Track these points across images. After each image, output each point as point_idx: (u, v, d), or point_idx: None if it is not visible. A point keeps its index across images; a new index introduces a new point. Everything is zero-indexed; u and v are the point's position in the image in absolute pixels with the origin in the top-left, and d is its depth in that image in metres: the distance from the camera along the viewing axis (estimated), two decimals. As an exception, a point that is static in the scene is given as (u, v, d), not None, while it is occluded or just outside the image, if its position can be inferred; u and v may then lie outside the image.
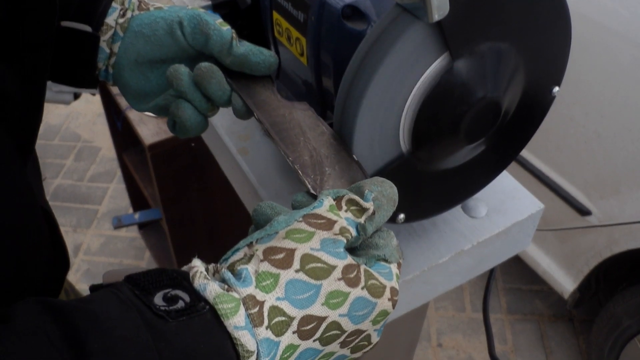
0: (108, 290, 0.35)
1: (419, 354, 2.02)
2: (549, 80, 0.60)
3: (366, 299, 0.40)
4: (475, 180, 0.65)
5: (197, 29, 0.57)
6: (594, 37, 1.50)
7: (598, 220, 1.63)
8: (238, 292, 0.36)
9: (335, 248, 0.40)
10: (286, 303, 0.37)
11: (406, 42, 0.48)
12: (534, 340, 2.07)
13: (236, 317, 0.35)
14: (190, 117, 0.57)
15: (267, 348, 0.36)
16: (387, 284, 0.41)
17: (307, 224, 0.40)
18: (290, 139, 0.52)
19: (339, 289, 0.38)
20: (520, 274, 2.26)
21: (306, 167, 0.49)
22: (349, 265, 0.40)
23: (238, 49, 0.57)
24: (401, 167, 0.56)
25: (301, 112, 0.56)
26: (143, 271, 0.37)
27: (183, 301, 0.35)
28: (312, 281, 0.38)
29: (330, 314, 0.38)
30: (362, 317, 0.40)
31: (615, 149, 1.52)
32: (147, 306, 0.34)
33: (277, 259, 0.38)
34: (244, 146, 0.79)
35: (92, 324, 0.32)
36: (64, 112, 3.14)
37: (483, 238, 0.67)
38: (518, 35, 0.53)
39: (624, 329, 1.64)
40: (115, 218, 2.45)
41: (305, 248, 0.39)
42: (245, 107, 0.57)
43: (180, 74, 0.55)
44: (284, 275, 0.37)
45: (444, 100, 0.52)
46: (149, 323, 0.33)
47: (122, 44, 0.60)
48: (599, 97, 1.53)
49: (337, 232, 0.40)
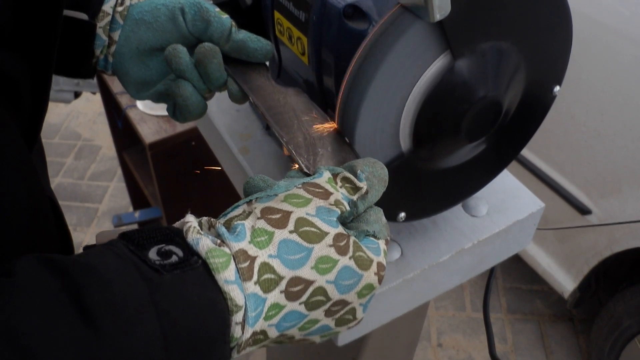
0: (104, 247, 0.36)
1: (419, 354, 2.03)
2: (549, 80, 0.60)
3: (353, 269, 0.41)
4: (475, 179, 0.65)
5: (197, 16, 0.59)
6: (595, 36, 1.50)
7: (598, 220, 1.63)
8: (230, 247, 0.37)
9: (329, 216, 0.41)
10: (277, 261, 0.38)
11: (407, 41, 0.48)
12: (534, 340, 2.07)
13: (226, 271, 0.36)
14: (191, 96, 0.58)
15: (254, 303, 0.37)
16: (374, 258, 0.42)
17: (305, 191, 0.42)
18: (284, 121, 0.54)
19: (329, 254, 0.40)
20: (521, 274, 2.26)
21: (300, 148, 0.51)
22: (340, 234, 0.41)
23: (237, 35, 0.59)
24: (402, 165, 0.56)
25: (295, 97, 0.58)
26: (136, 229, 0.38)
27: (176, 256, 0.36)
28: (305, 243, 0.39)
29: (318, 278, 0.39)
30: (348, 287, 0.41)
31: (616, 148, 1.52)
32: (142, 260, 0.35)
33: (274, 218, 0.39)
34: (245, 145, 0.79)
35: (91, 276, 0.32)
36: (65, 110, 3.14)
37: (483, 237, 0.67)
38: (519, 35, 0.53)
39: (624, 329, 1.64)
40: (115, 216, 2.45)
41: (301, 212, 0.40)
42: (241, 92, 0.59)
43: (179, 52, 0.57)
44: (279, 234, 0.39)
45: (445, 99, 0.52)
46: (145, 276, 0.34)
47: (123, 32, 0.60)
48: (600, 95, 1.53)
49: (332, 203, 0.42)
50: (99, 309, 0.31)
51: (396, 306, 0.66)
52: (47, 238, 0.47)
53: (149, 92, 0.64)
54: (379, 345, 0.87)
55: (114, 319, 0.31)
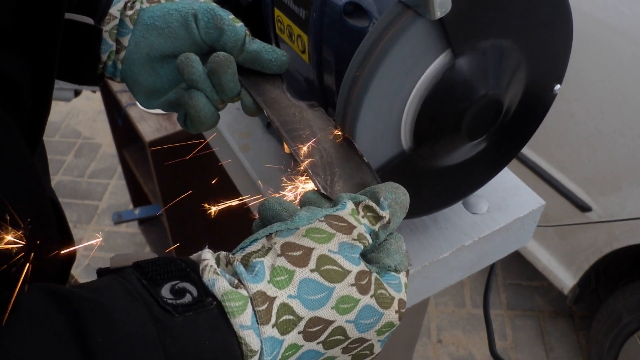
0: (115, 279, 0.35)
1: (419, 350, 2.03)
2: (550, 78, 0.61)
3: (374, 308, 0.39)
4: (476, 177, 0.66)
5: (211, 23, 0.56)
6: (595, 34, 1.50)
7: (598, 217, 1.64)
8: (247, 289, 0.35)
9: (351, 253, 0.39)
10: (297, 302, 0.37)
11: (408, 39, 0.48)
12: (534, 336, 2.07)
13: (243, 315, 0.34)
14: (204, 107, 0.56)
15: (271, 347, 0.36)
16: (395, 295, 0.41)
17: (328, 225, 0.40)
18: (301, 139, 0.52)
19: (350, 294, 0.38)
20: (521, 270, 2.26)
21: (317, 167, 0.49)
22: (362, 271, 0.39)
23: (251, 46, 0.57)
24: (403, 163, 0.56)
25: (311, 112, 0.56)
26: (151, 259, 0.37)
27: (190, 295, 0.34)
28: (326, 283, 0.38)
29: (338, 318, 0.38)
30: (368, 325, 0.40)
31: (616, 146, 1.52)
32: (154, 298, 0.34)
33: (295, 255, 0.38)
34: (245, 143, 0.79)
35: (98, 316, 0.31)
36: (65, 109, 3.14)
37: (484, 234, 0.68)
38: (520, 33, 0.54)
39: (624, 325, 1.65)
40: (115, 214, 2.45)
41: (323, 249, 0.38)
42: (255, 105, 0.57)
43: (192, 61, 0.55)
44: (299, 273, 0.37)
45: (445, 98, 0.52)
46: (156, 317, 0.33)
47: (133, 38, 0.58)
48: (600, 94, 1.53)
49: (355, 238, 0.40)
50: (103, 349, 0.30)
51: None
52: (48, 239, 0.46)
53: (159, 101, 0.61)
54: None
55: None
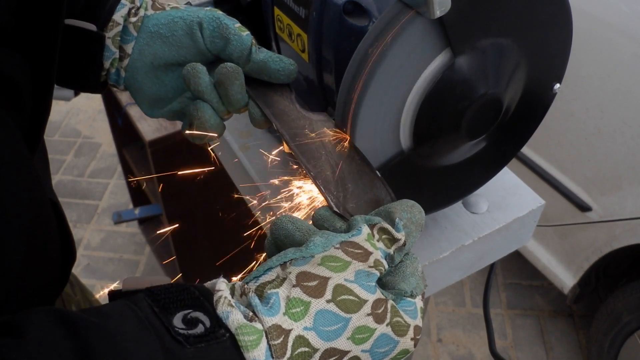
0: (127, 305, 0.34)
1: (419, 349, 2.03)
2: (550, 77, 0.60)
3: (390, 337, 0.39)
4: (476, 177, 0.66)
5: (216, 32, 0.55)
6: (595, 33, 1.50)
7: (598, 216, 1.64)
8: (262, 322, 0.35)
9: (368, 281, 0.39)
10: (313, 334, 0.36)
11: (408, 38, 0.48)
12: (533, 336, 2.07)
13: (257, 350, 0.34)
14: (209, 119, 0.55)
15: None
16: (411, 322, 0.40)
17: (344, 252, 0.39)
18: (311, 152, 0.51)
19: (366, 324, 0.38)
20: (521, 270, 2.27)
21: (329, 184, 0.48)
22: (378, 300, 0.39)
23: (258, 55, 0.55)
24: (402, 163, 0.56)
25: (321, 124, 0.54)
26: (164, 285, 0.36)
27: (203, 325, 0.34)
28: (342, 314, 0.37)
29: (354, 348, 0.38)
30: (383, 354, 0.39)
31: (616, 145, 1.52)
32: (166, 327, 0.33)
33: (310, 285, 0.37)
34: (245, 142, 0.79)
35: (106, 344, 0.31)
36: (65, 108, 3.14)
37: (484, 233, 0.68)
38: (519, 32, 0.53)
39: (624, 325, 1.65)
40: (115, 213, 2.45)
41: (339, 278, 0.38)
42: (263, 117, 0.55)
43: (199, 72, 0.53)
44: (315, 304, 0.37)
45: (445, 97, 0.52)
46: (166, 348, 0.32)
47: (137, 45, 0.57)
48: (600, 93, 1.53)
49: (372, 265, 0.40)
50: None
51: (396, 303, 0.66)
52: (48, 241, 0.46)
53: (163, 110, 0.60)
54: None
55: None
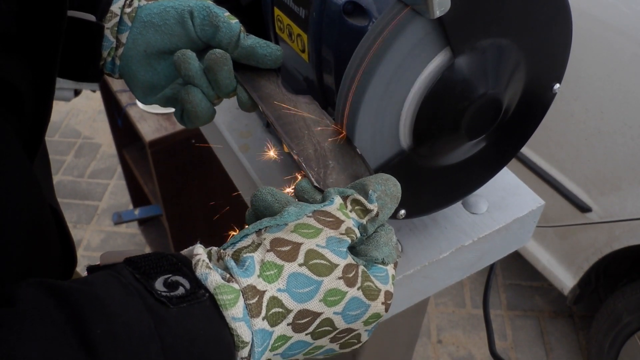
0: (109, 274, 0.36)
1: (419, 350, 2.03)
2: (549, 77, 0.60)
3: (361, 300, 0.40)
4: (476, 177, 0.66)
5: (206, 20, 0.58)
6: (595, 33, 1.50)
7: (598, 217, 1.64)
8: (239, 282, 0.36)
9: (339, 247, 0.40)
10: (286, 295, 0.38)
11: (407, 38, 0.48)
12: (533, 336, 2.07)
13: (235, 308, 0.35)
14: (200, 102, 0.57)
15: (261, 339, 0.37)
16: (382, 287, 0.42)
17: (316, 220, 0.41)
18: (294, 132, 0.53)
19: (338, 287, 0.39)
20: (521, 271, 2.26)
21: (310, 161, 0.50)
22: (349, 264, 0.40)
23: (246, 41, 0.58)
24: (402, 163, 0.56)
25: (305, 106, 0.57)
26: (142, 255, 0.38)
27: (183, 287, 0.35)
28: (314, 277, 0.39)
29: (326, 310, 0.39)
30: (355, 317, 0.41)
31: (616, 146, 1.52)
32: (149, 291, 0.34)
33: (283, 250, 0.39)
34: (245, 143, 0.79)
35: (96, 308, 0.32)
36: (64, 108, 3.14)
37: (483, 234, 0.68)
38: (519, 32, 0.53)
39: (624, 325, 1.65)
40: (115, 214, 2.45)
41: (311, 244, 0.39)
42: (250, 100, 0.58)
43: (189, 57, 0.56)
44: (288, 267, 0.38)
45: (444, 97, 0.52)
46: (151, 308, 0.33)
47: (131, 34, 0.60)
48: (600, 93, 1.53)
49: (343, 232, 0.41)
50: (102, 342, 0.31)
51: (396, 302, 0.66)
52: (47, 247, 0.47)
53: (157, 97, 0.63)
54: (378, 341, 0.87)
55: (118, 352, 0.31)
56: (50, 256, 0.47)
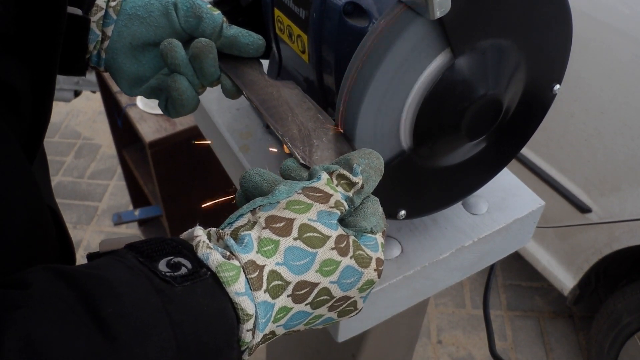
0: (112, 258, 0.37)
1: (419, 351, 2.03)
2: (549, 78, 0.61)
3: (354, 268, 0.42)
4: (476, 177, 0.66)
5: (190, 12, 0.60)
6: (595, 34, 1.50)
7: (598, 218, 1.64)
8: (239, 259, 0.38)
9: (329, 220, 0.42)
10: (284, 268, 0.39)
11: (408, 39, 0.48)
12: (533, 337, 2.07)
13: (237, 284, 0.37)
14: (186, 90, 0.59)
15: (264, 310, 0.38)
16: (373, 255, 0.44)
17: (306, 196, 0.42)
18: (279, 114, 0.55)
19: (331, 257, 0.41)
20: (520, 271, 2.26)
21: (295, 140, 0.52)
22: (340, 235, 0.42)
23: (228, 31, 0.60)
24: (403, 163, 0.56)
25: (288, 90, 0.59)
26: (143, 240, 0.39)
27: (185, 268, 0.37)
28: (309, 249, 0.40)
29: (322, 280, 0.41)
30: (350, 284, 0.43)
31: (616, 146, 1.52)
32: (153, 272, 0.36)
33: (278, 227, 0.40)
34: (245, 144, 0.79)
35: (105, 289, 0.33)
36: (64, 109, 3.14)
37: (483, 234, 0.68)
38: (519, 33, 0.54)
39: (624, 326, 1.65)
40: (115, 215, 2.45)
41: (303, 218, 0.41)
42: (234, 87, 0.60)
43: (175, 46, 0.58)
44: (284, 242, 0.40)
45: (445, 97, 0.52)
46: (157, 288, 0.35)
47: (116, 27, 0.61)
48: (600, 94, 1.53)
49: (333, 205, 0.43)
50: (114, 320, 0.32)
51: (396, 303, 0.66)
52: (46, 248, 0.47)
53: (142, 88, 0.64)
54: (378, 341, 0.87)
55: (129, 329, 0.32)
56: (49, 257, 0.47)
